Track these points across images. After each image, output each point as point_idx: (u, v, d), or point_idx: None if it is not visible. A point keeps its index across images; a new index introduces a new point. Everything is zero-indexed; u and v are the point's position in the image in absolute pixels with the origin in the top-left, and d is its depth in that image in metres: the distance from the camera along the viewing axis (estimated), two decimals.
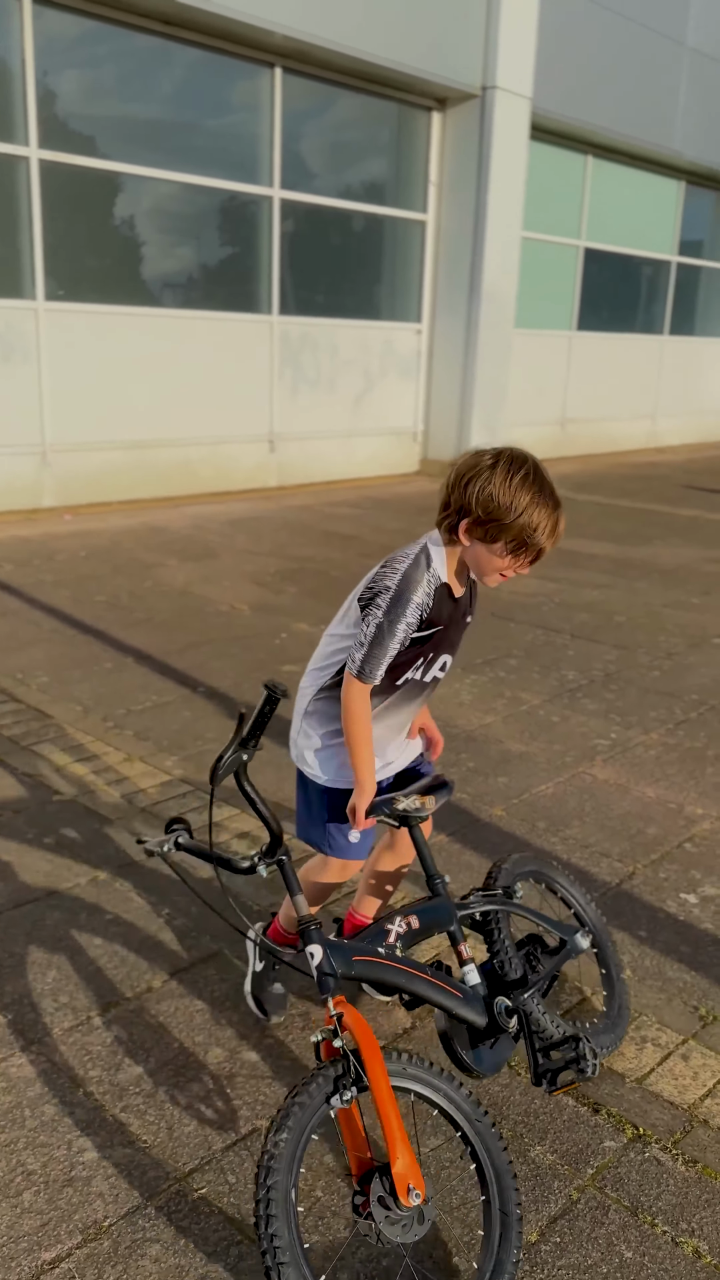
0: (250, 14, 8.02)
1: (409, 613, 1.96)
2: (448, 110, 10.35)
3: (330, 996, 1.75)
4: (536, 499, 1.93)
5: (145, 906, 2.75)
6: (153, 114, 8.31)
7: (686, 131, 12.84)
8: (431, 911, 2.08)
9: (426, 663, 2.08)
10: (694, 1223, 1.84)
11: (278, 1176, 1.52)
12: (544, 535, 1.94)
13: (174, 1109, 2.05)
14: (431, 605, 1.99)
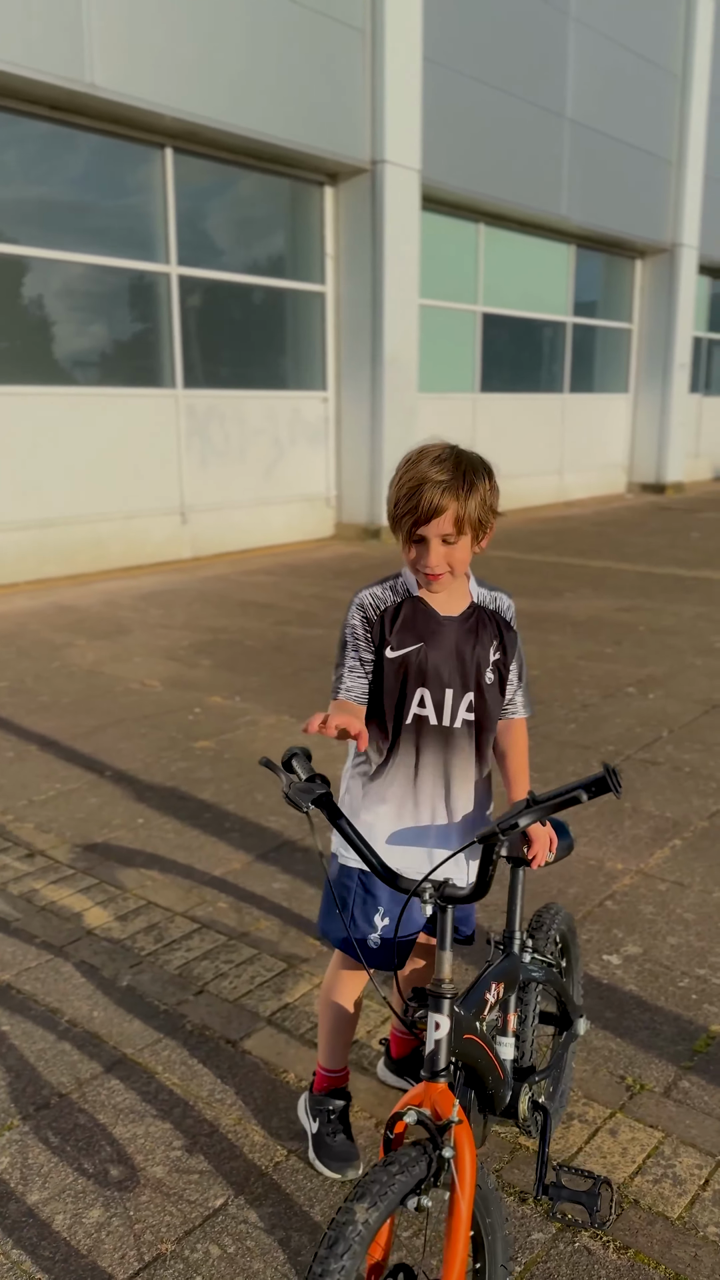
0: (138, 97, 8.12)
1: (351, 614, 1.94)
2: (339, 184, 10.59)
3: (435, 1082, 1.53)
4: (401, 476, 1.83)
5: (40, 1012, 2.58)
6: (49, 197, 8.33)
7: (572, 198, 13.33)
8: (510, 975, 1.90)
9: (435, 696, 1.91)
10: None
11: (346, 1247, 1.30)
12: (403, 508, 1.81)
13: (65, 1238, 1.88)
14: (389, 615, 1.91)
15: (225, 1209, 1.96)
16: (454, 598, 1.95)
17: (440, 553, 1.83)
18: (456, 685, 1.94)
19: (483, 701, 1.96)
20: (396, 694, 1.92)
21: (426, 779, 1.96)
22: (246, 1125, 2.18)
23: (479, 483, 1.82)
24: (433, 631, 1.92)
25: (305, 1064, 2.38)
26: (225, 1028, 2.52)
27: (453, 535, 1.82)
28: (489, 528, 1.88)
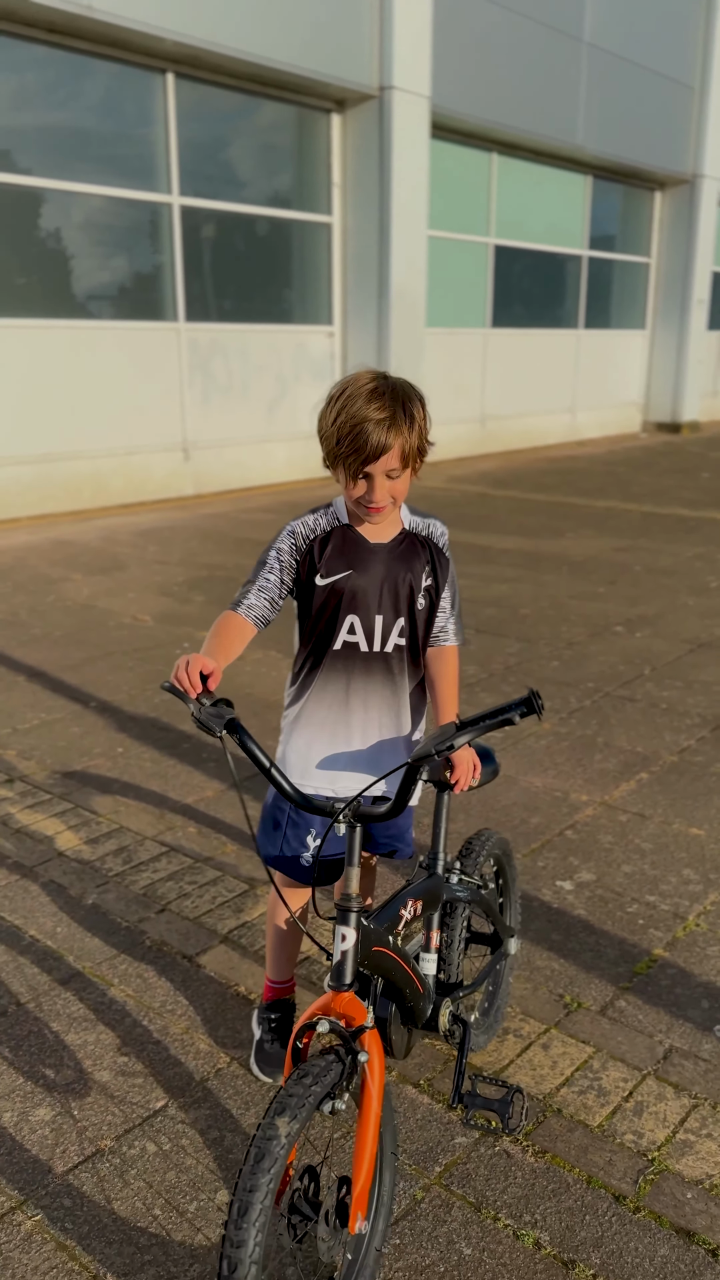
0: (138, 20, 7.94)
1: (280, 539, 1.95)
2: (346, 111, 10.36)
3: (341, 991, 1.58)
4: (337, 414, 1.80)
5: (10, 927, 2.68)
6: (46, 125, 8.20)
7: (589, 126, 12.99)
8: (431, 894, 1.96)
9: (365, 623, 1.95)
10: (538, 1214, 1.83)
11: (272, 1163, 1.38)
12: (346, 448, 1.79)
13: (11, 1134, 1.99)
14: (319, 543, 1.93)
15: (165, 1110, 2.05)
16: (386, 525, 1.96)
17: (385, 487, 1.85)
18: (388, 611, 1.97)
19: (413, 627, 2.00)
20: (325, 621, 1.96)
21: (356, 704, 2.00)
22: (194, 1034, 2.28)
23: (417, 413, 1.82)
24: (363, 559, 1.94)
25: (256, 978, 2.48)
26: (183, 944, 2.62)
27: (398, 470, 1.83)
28: (424, 455, 1.88)
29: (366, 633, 1.97)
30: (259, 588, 1.94)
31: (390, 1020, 1.85)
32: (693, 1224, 1.81)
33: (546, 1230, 1.80)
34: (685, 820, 3.32)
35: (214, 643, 1.88)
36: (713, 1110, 2.08)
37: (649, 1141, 2.00)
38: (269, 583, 1.95)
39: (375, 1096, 1.54)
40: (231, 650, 1.89)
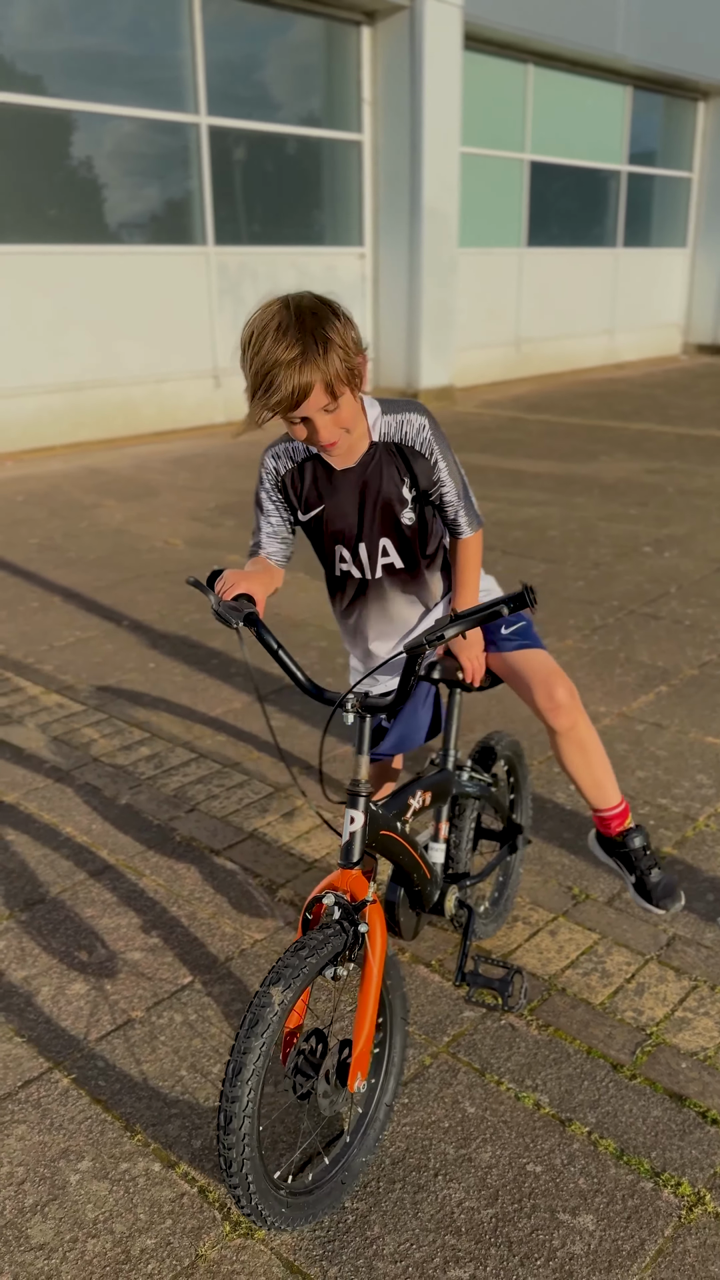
0: None
1: (261, 481, 1.93)
2: (377, 24, 10.08)
3: (349, 868, 1.65)
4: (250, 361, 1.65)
5: (48, 822, 2.83)
6: (68, 44, 8.08)
7: (629, 34, 12.51)
8: (440, 788, 2.03)
9: (351, 551, 1.92)
10: (538, 1079, 1.95)
11: (265, 1028, 1.47)
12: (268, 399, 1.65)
13: (50, 1004, 2.14)
14: (291, 480, 1.89)
15: (191, 985, 2.19)
16: (354, 446, 1.83)
17: (327, 424, 1.70)
18: (371, 536, 1.90)
19: (405, 543, 1.93)
20: (321, 552, 1.99)
21: (371, 622, 2.03)
22: (219, 919, 2.41)
23: (333, 336, 1.64)
24: (333, 488, 1.87)
25: (278, 870, 2.60)
26: (210, 840, 2.75)
27: (333, 404, 1.67)
28: (360, 368, 1.71)
29: (354, 561, 1.95)
30: (266, 533, 1.95)
31: (399, 903, 1.96)
32: (685, 1089, 1.92)
33: (546, 1093, 1.92)
34: (701, 730, 3.38)
35: (255, 569, 1.87)
36: (711, 991, 2.18)
37: (648, 1018, 2.11)
38: (271, 525, 1.94)
39: (376, 965, 1.63)
40: (271, 582, 1.86)
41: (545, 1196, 1.71)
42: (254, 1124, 1.47)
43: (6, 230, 7.99)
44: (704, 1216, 1.68)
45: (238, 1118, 1.45)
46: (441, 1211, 1.68)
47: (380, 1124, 1.77)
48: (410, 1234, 1.64)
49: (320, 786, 1.77)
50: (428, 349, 10.75)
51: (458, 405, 10.91)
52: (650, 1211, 1.68)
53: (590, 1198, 1.71)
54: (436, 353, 10.85)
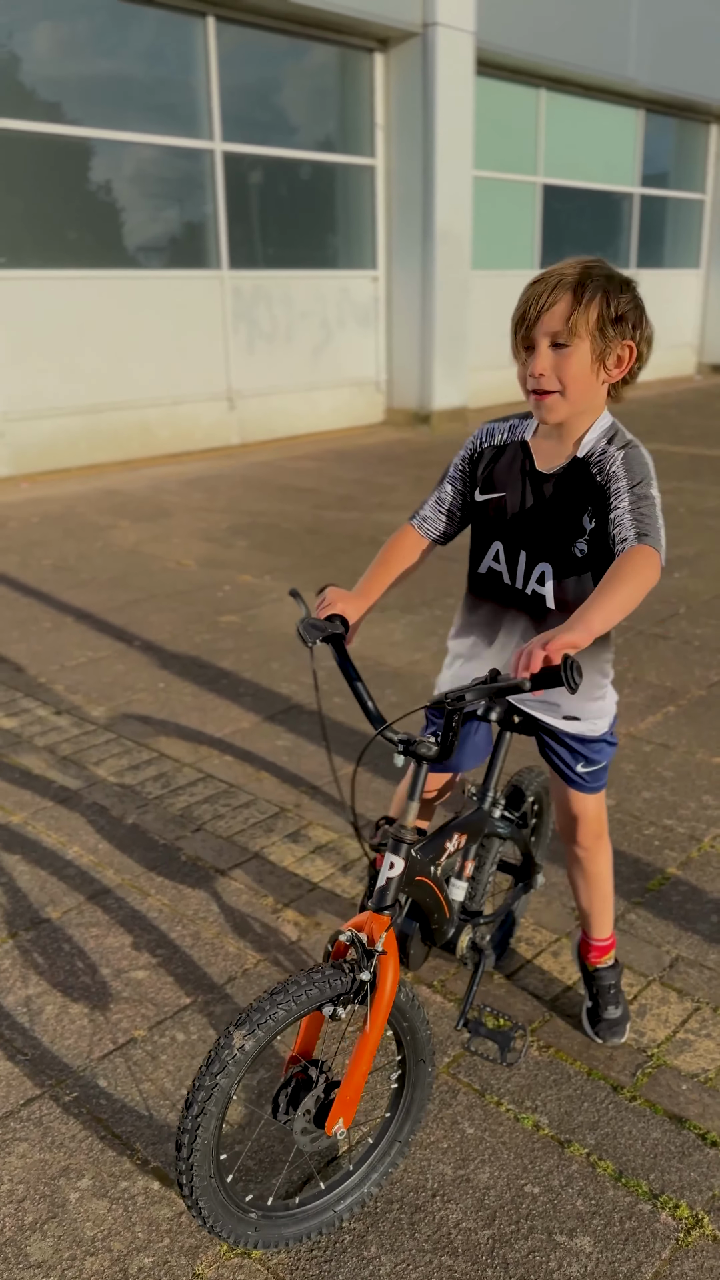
0: None
1: (466, 442, 1.85)
2: (389, 50, 10.20)
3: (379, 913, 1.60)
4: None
5: (55, 842, 2.85)
6: (86, 72, 8.22)
7: (640, 58, 12.61)
8: (474, 828, 1.96)
9: (508, 554, 1.80)
10: (538, 1100, 1.95)
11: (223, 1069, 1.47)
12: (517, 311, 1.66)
13: (52, 1024, 2.16)
14: (491, 454, 1.80)
15: (194, 1005, 2.21)
16: (559, 447, 1.73)
17: (548, 357, 1.61)
18: (534, 550, 1.77)
19: (565, 573, 1.75)
20: (477, 540, 1.85)
21: (500, 636, 1.87)
22: (223, 939, 2.43)
23: (608, 289, 1.62)
24: (520, 484, 1.76)
25: (284, 890, 2.61)
26: (216, 859, 2.76)
27: (563, 335, 1.59)
28: (620, 352, 1.64)
29: (510, 565, 1.81)
30: (436, 498, 1.85)
31: (412, 936, 1.86)
32: (685, 1111, 1.92)
33: (545, 1114, 1.92)
34: (709, 751, 3.38)
35: (373, 572, 1.81)
36: (713, 1013, 2.18)
37: (649, 1039, 2.11)
38: (445, 493, 1.84)
39: (379, 1015, 1.57)
40: (390, 575, 1.82)
41: (543, 1218, 1.71)
42: (206, 1154, 1.48)
43: (26, 254, 8.11)
44: (702, 1239, 1.67)
45: (186, 1148, 1.47)
46: (439, 1232, 1.69)
47: (390, 1160, 1.75)
48: (407, 1255, 1.65)
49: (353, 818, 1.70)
50: (441, 370, 10.80)
51: (471, 426, 10.94)
52: (648, 1234, 1.68)
53: (588, 1219, 1.71)
54: (450, 374, 10.91)
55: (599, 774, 2.01)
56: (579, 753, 1.95)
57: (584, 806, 2.03)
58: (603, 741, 1.97)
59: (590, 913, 2.14)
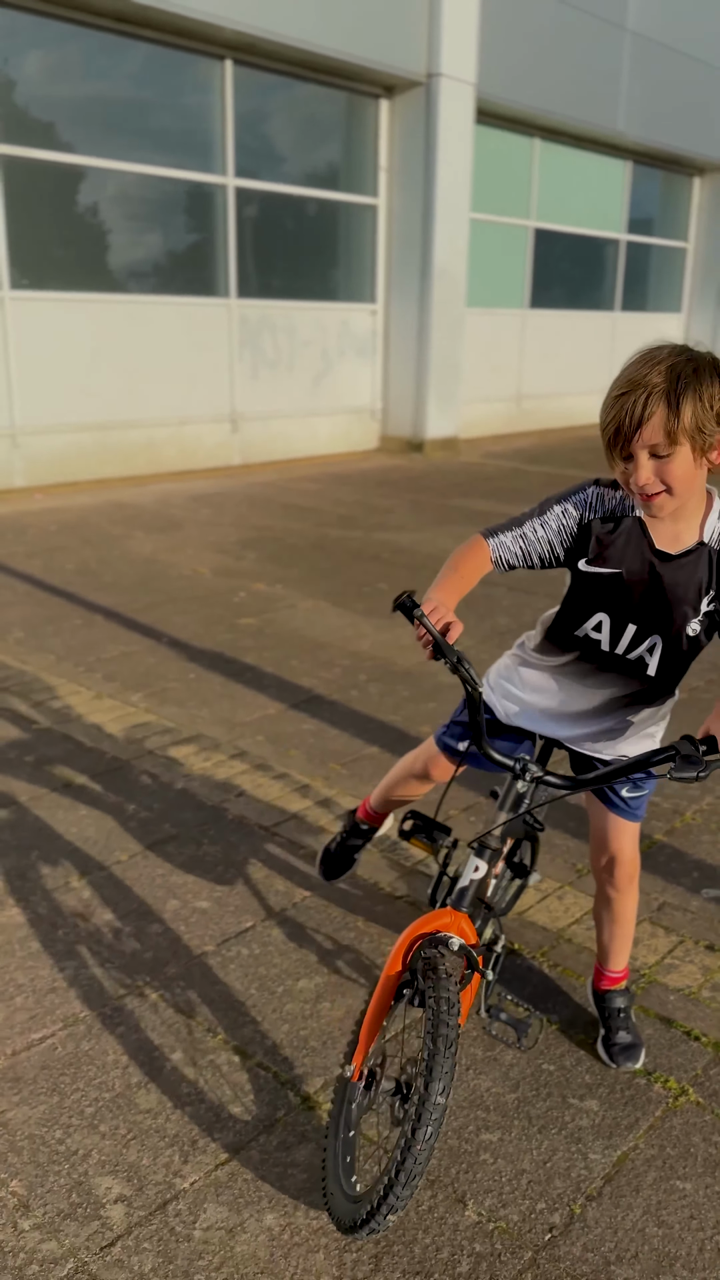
0: (200, 10, 8.39)
1: (573, 497, 1.82)
2: (395, 97, 10.75)
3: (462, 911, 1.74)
4: (614, 382, 1.65)
5: (113, 801, 3.21)
6: (110, 108, 8.68)
7: (630, 113, 13.28)
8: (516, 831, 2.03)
9: (614, 626, 1.84)
10: (551, 1004, 2.33)
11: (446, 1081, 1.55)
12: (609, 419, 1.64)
13: (133, 940, 2.51)
14: (605, 526, 1.78)
15: (254, 928, 2.57)
16: (683, 530, 1.75)
17: (649, 468, 1.63)
18: (646, 626, 1.82)
19: (676, 650, 1.83)
20: (577, 604, 1.87)
21: (588, 686, 1.93)
22: (273, 879, 2.80)
23: (702, 385, 1.60)
24: (639, 565, 1.76)
25: (320, 841, 2.99)
26: (259, 818, 3.13)
27: (663, 446, 1.61)
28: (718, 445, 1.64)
29: (613, 636, 1.85)
30: (523, 534, 1.83)
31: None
32: (673, 1015, 2.31)
33: (557, 1014, 2.30)
34: None
35: (451, 580, 1.81)
36: (695, 945, 2.57)
37: (642, 963, 2.49)
38: (536, 536, 1.83)
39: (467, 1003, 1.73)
40: (465, 587, 1.81)
41: (558, 1086, 2.09)
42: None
43: (46, 278, 8.52)
44: (687, 1104, 2.05)
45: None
46: (474, 1095, 2.06)
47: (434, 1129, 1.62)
48: (451, 1107, 2.02)
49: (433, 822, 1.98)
50: (434, 401, 11.29)
51: (462, 455, 11.42)
52: (644, 1099, 2.06)
53: (595, 1088, 2.09)
54: (443, 405, 11.39)
55: (641, 801, 2.08)
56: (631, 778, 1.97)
57: (622, 842, 2.08)
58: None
59: (610, 948, 2.22)
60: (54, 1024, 2.23)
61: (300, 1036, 2.21)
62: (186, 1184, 1.84)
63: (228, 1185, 1.84)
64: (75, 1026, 2.22)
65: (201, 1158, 1.89)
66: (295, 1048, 2.17)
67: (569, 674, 1.95)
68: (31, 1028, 2.21)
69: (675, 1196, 1.84)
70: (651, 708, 1.97)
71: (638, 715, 1.96)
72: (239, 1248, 1.72)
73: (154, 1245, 1.72)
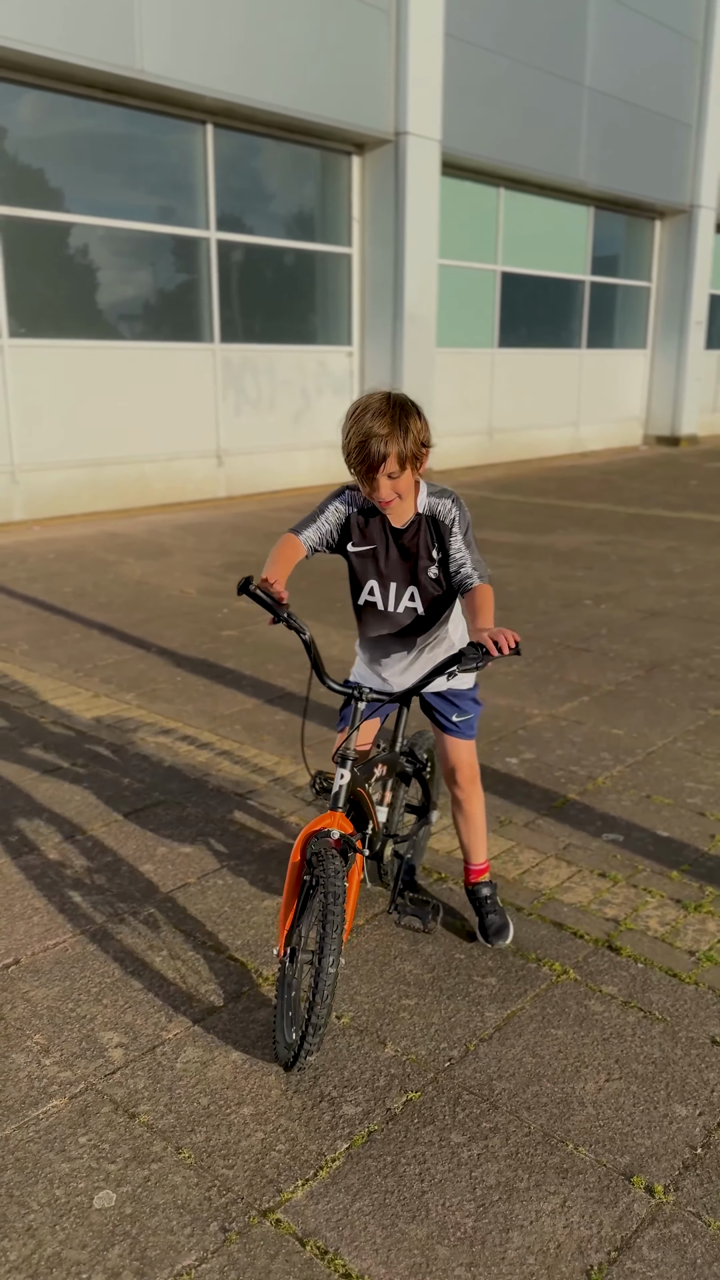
0: (183, 80, 9.12)
1: (337, 500, 2.49)
2: (365, 154, 11.51)
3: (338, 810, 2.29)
4: (349, 430, 2.29)
5: (111, 776, 3.77)
6: (100, 169, 9.38)
7: (590, 162, 14.10)
8: (392, 764, 2.70)
9: (381, 588, 2.51)
10: (461, 919, 2.88)
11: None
12: (355, 458, 2.29)
13: (129, 875, 3.06)
14: (360, 518, 2.47)
15: (228, 866, 3.13)
16: (402, 511, 2.46)
17: (387, 486, 2.33)
18: (399, 580, 2.51)
19: (425, 591, 2.52)
20: (354, 580, 2.58)
21: (386, 643, 2.62)
22: (245, 832, 3.35)
23: (413, 425, 2.29)
24: (384, 539, 2.50)
25: (288, 804, 3.55)
26: (235, 787, 3.69)
27: (397, 471, 2.30)
28: (423, 456, 2.36)
29: (382, 596, 2.54)
30: (316, 526, 2.50)
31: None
32: (565, 921, 2.86)
33: (471, 924, 2.85)
34: (609, 726, 4.37)
35: (276, 565, 2.39)
36: (590, 874, 3.13)
37: (545, 886, 3.05)
38: (324, 526, 2.50)
39: (355, 876, 2.35)
40: (288, 569, 2.40)
41: (465, 970, 2.64)
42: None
43: (42, 326, 9.17)
44: (567, 981, 2.61)
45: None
46: (398, 975, 2.61)
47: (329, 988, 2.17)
48: (379, 983, 2.57)
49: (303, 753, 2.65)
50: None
51: None
52: (534, 977, 2.61)
53: (495, 970, 2.64)
54: None
55: (470, 724, 2.74)
56: (455, 704, 2.71)
57: (459, 753, 2.73)
58: (470, 699, 2.74)
59: (469, 845, 2.81)
60: (64, 934, 2.78)
61: (264, 939, 2.76)
62: (170, 1035, 2.38)
63: (203, 1035, 2.38)
64: (81, 935, 2.77)
65: (182, 1018, 2.44)
66: (260, 946, 2.73)
67: (380, 639, 2.61)
68: (46, 936, 2.76)
69: (549, 1040, 2.40)
70: (430, 638, 2.61)
71: (423, 646, 2.63)
72: (211, 1073, 2.26)
73: (145, 1073, 2.26)
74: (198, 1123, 2.12)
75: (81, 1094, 2.20)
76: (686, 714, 4.50)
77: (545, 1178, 1.99)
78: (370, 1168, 2.01)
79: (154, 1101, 2.18)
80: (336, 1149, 2.05)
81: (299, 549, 2.49)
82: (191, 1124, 2.12)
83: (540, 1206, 1.93)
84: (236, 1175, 1.98)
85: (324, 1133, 2.10)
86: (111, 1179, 1.98)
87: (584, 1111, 2.17)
